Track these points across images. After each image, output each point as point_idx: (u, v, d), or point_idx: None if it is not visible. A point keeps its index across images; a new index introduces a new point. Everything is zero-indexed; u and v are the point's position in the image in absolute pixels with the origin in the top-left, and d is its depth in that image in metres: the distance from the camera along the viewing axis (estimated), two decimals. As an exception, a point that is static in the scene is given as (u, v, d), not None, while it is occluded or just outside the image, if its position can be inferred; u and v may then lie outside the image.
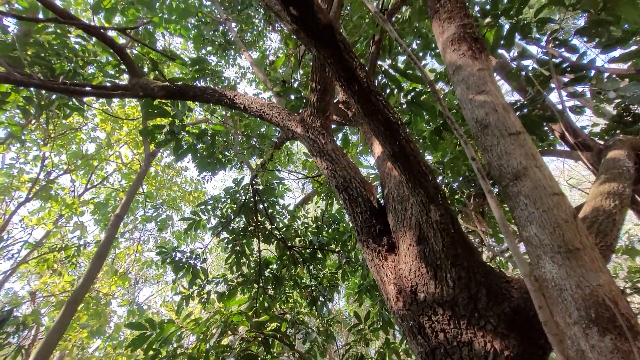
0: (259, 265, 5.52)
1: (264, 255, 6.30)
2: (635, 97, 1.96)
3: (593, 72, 2.68)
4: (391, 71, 4.22)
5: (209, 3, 9.48)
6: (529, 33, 3.09)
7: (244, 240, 5.76)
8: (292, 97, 4.47)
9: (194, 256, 5.50)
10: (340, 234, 5.88)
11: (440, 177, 4.71)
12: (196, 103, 5.98)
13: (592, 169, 2.48)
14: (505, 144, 1.25)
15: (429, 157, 5.06)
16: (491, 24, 3.23)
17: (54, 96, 4.34)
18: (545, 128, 3.67)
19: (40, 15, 4.46)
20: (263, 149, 7.16)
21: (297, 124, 2.46)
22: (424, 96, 4.00)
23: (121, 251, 12.61)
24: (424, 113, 4.26)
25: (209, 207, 5.90)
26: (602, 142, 3.54)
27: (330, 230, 6.11)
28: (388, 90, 4.52)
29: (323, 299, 5.74)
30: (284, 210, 6.69)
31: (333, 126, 3.67)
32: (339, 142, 5.12)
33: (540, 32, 3.18)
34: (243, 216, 6.00)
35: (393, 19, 4.64)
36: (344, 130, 5.05)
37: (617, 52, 3.03)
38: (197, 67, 4.36)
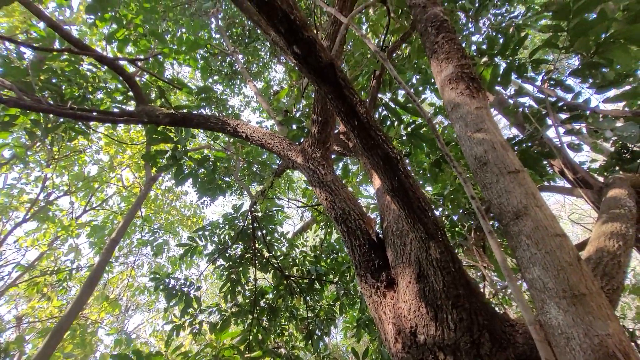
0: (255, 295, 5.35)
1: (260, 284, 6.13)
2: (632, 136, 1.98)
3: (588, 111, 2.74)
4: (391, 104, 4.33)
5: (217, 36, 9.96)
6: (525, 72, 3.20)
7: (240, 268, 5.63)
8: (294, 126, 4.56)
9: (188, 283, 5.35)
10: (339, 264, 5.75)
11: (440, 210, 4.68)
12: (200, 130, 6.09)
13: (594, 206, 2.46)
14: (505, 182, 1.24)
15: (428, 189, 5.06)
16: (488, 63, 3.35)
17: (61, 119, 4.43)
18: (545, 163, 3.70)
19: (57, 44, 4.66)
20: (264, 175, 7.20)
21: (298, 154, 2.48)
22: (424, 129, 4.07)
23: (114, 276, 12.31)
24: (424, 145, 4.31)
25: (206, 233, 5.82)
26: (601, 179, 3.54)
27: (328, 260, 5.98)
28: (389, 122, 4.62)
29: (319, 333, 5.51)
30: (282, 238, 6.61)
31: (333, 156, 3.70)
32: (339, 172, 5.14)
33: (536, 71, 3.29)
34: (240, 243, 5.91)
35: (394, 55, 4.83)
36: (344, 160, 5.09)
37: (611, 92, 3.11)
38: (203, 95, 4.48)
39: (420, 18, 2.00)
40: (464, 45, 6.32)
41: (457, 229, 4.45)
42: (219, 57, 10.05)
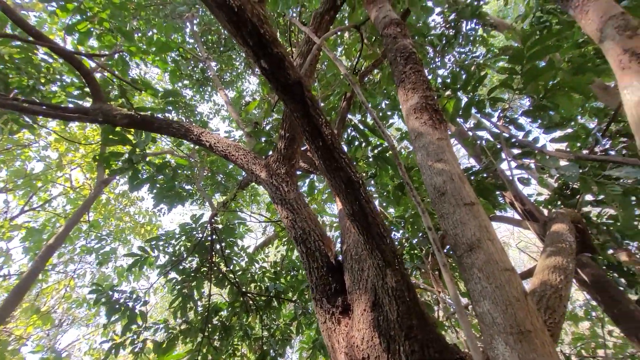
0: (207, 312, 5.04)
1: (215, 300, 5.82)
2: (573, 176, 2.16)
3: (537, 150, 2.97)
4: (360, 126, 4.42)
5: (192, 41, 9.75)
6: (483, 108, 3.42)
7: (194, 283, 5.31)
8: (263, 139, 4.49)
9: (134, 297, 4.93)
10: (299, 282, 5.62)
11: (401, 232, 4.78)
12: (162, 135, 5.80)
13: (539, 238, 2.62)
14: (461, 214, 1.27)
15: (391, 211, 5.17)
16: (451, 96, 3.55)
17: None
18: (498, 194, 3.94)
19: (8, 29, 4.27)
20: (228, 186, 6.96)
21: (262, 169, 2.41)
22: (390, 152, 4.18)
23: (49, 286, 11.08)
24: (389, 168, 4.42)
25: (160, 243, 5.46)
26: (545, 211, 3.83)
27: (288, 277, 5.83)
28: (357, 143, 4.70)
29: (274, 354, 5.28)
30: (242, 252, 6.37)
31: (299, 173, 3.67)
32: (304, 188, 5.10)
33: (493, 108, 3.53)
34: (197, 256, 5.61)
35: (365, 79, 4.99)
36: (311, 177, 5.08)
37: (557, 133, 3.42)
38: (170, 98, 4.29)
39: (391, 47, 2.07)
40: (430, 77, 6.72)
41: (415, 251, 4.56)
42: (191, 63, 9.80)
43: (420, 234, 4.45)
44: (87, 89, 4.19)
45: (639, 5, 2.37)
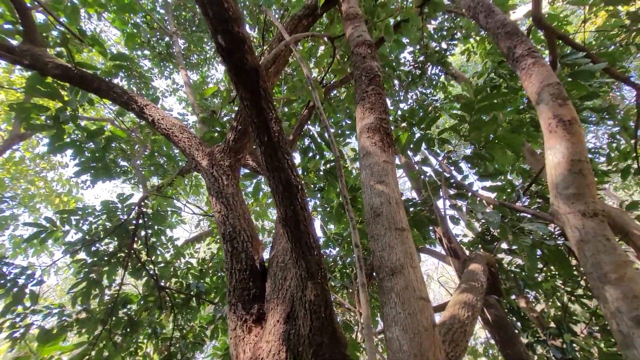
0: (114, 302, 4.52)
1: (126, 290, 5.27)
2: (494, 223, 2.36)
3: (470, 193, 3.23)
4: (318, 138, 4.44)
5: (163, 12, 9.12)
6: (433, 146, 3.65)
7: (106, 268, 4.76)
8: (217, 129, 4.26)
9: (27, 273, 4.25)
10: (225, 284, 5.31)
11: (337, 249, 4.83)
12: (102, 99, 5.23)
13: (457, 274, 2.80)
14: (391, 237, 1.28)
15: (331, 227, 5.21)
16: (406, 128, 3.73)
17: None
18: (430, 228, 4.20)
19: None
20: (169, 170, 6.47)
21: (204, 156, 2.25)
22: (343, 169, 4.24)
23: None
24: (338, 184, 4.47)
25: (75, 218, 4.84)
26: (467, 252, 4.16)
27: (214, 278, 5.50)
28: (311, 154, 4.70)
29: (181, 357, 4.88)
30: (168, 244, 5.90)
31: (247, 172, 3.53)
32: (250, 190, 4.93)
33: (440, 148, 3.79)
34: (115, 239, 5.06)
35: (332, 95, 5.07)
36: (258, 178, 4.94)
37: (489, 182, 3.77)
38: (118, 62, 3.87)
39: (358, 66, 2.10)
40: (392, 108, 7.09)
41: (347, 270, 4.62)
42: (157, 34, 9.14)
43: (355, 254, 4.52)
44: (20, 27, 3.63)
45: (577, 74, 2.74)
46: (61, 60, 3.10)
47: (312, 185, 5.66)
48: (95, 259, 4.78)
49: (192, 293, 5.15)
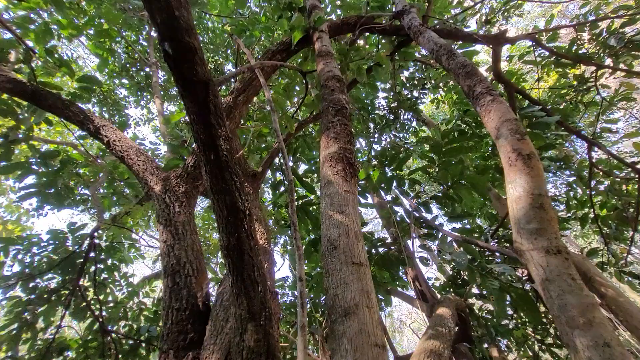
0: (48, 349, 3.93)
1: (63, 335, 4.63)
2: (462, 264, 2.29)
3: (440, 234, 3.20)
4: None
5: (146, 44, 9.23)
6: (403, 185, 3.66)
7: (44, 307, 4.19)
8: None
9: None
10: (178, 329, 4.78)
11: (307, 290, 4.54)
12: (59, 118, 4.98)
13: (426, 318, 2.65)
14: (347, 273, 1.15)
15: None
16: (378, 166, 3.75)
17: None
18: (403, 271, 4.08)
19: None
20: (130, 199, 6.08)
21: (159, 181, 2.08)
22: (313, 206, 4.12)
23: None
24: (309, 222, 4.32)
25: (15, 248, 4.35)
26: (439, 295, 4.03)
27: (168, 321, 4.95)
28: (282, 189, 4.58)
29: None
30: (122, 280, 5.37)
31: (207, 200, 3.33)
32: (214, 216, 4.67)
33: (411, 188, 3.81)
34: (60, 273, 4.53)
35: (306, 134, 5.11)
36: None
37: (457, 223, 3.77)
38: (85, 84, 3.72)
39: (327, 98, 2.10)
40: (366, 149, 7.25)
41: (314, 315, 4.31)
42: (137, 65, 9.15)
43: (323, 297, 4.26)
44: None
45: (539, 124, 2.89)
46: (12, 74, 2.93)
47: (282, 221, 5.45)
48: (32, 296, 4.23)
49: (141, 338, 4.59)
